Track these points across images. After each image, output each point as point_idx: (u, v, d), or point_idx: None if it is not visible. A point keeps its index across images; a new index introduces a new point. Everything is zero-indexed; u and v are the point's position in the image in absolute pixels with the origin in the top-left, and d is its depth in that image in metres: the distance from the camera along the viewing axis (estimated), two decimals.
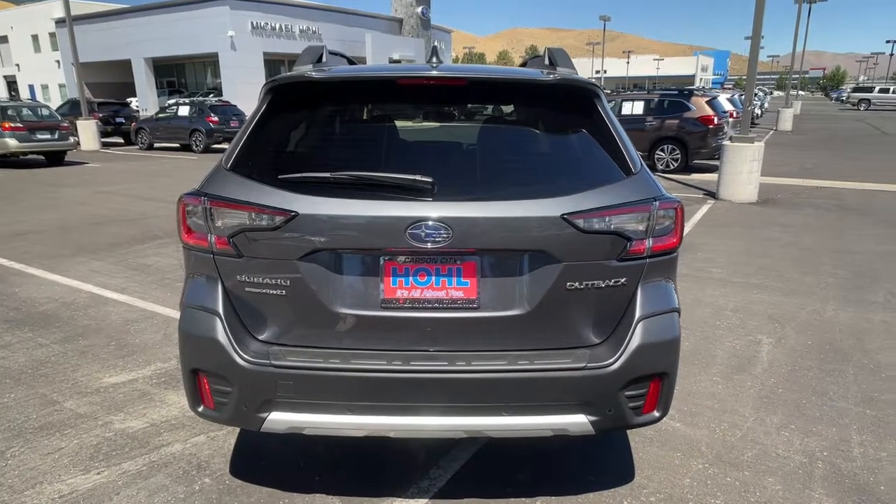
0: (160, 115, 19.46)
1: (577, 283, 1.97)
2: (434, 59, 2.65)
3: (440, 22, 44.51)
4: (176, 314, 4.28)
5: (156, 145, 19.22)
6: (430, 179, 1.91)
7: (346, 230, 1.94)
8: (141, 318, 4.34)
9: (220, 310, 2.03)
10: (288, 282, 1.98)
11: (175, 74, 41.04)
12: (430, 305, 1.99)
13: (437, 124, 2.20)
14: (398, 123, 2.22)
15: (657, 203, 2.00)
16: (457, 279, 1.98)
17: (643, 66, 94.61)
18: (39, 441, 2.77)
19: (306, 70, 2.22)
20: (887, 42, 78.09)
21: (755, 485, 2.50)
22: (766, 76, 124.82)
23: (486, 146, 2.17)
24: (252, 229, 1.97)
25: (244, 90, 31.28)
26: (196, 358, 2.07)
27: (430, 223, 1.88)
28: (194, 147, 18.04)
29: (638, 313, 2.02)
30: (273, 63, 38.01)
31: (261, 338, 2.05)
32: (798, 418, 3.03)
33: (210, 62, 37.55)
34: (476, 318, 1.99)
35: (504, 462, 2.63)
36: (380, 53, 38.43)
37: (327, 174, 1.98)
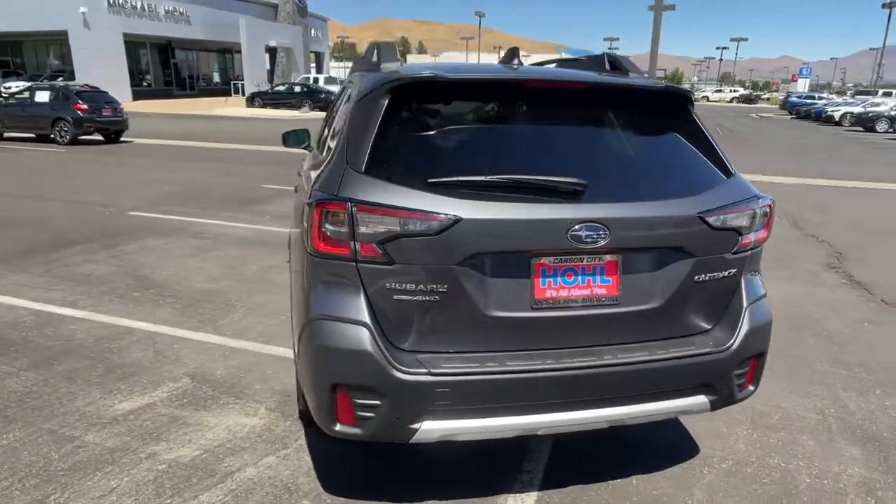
0: (10, 101, 16.96)
1: (703, 276, 2.15)
2: (515, 62, 2.70)
3: (310, 9, 43.05)
4: (159, 329, 3.91)
5: (5, 135, 16.75)
6: (584, 181, 1.97)
7: (508, 233, 1.94)
8: (115, 335, 3.88)
9: (368, 320, 1.94)
10: (444, 287, 1.94)
11: (10, 54, 35.85)
12: (576, 304, 2.06)
13: (559, 126, 2.25)
14: (523, 125, 2.23)
15: (760, 201, 2.23)
16: (600, 277, 2.07)
17: None
18: (81, 484, 2.43)
19: (420, 69, 2.18)
20: (717, 48, 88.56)
21: (794, 443, 2.87)
22: None
23: (613, 148, 2.27)
24: (408, 235, 1.91)
25: (101, 74, 28.18)
26: (338, 372, 1.96)
27: (591, 224, 1.95)
28: (59, 138, 15.98)
29: (745, 300, 2.24)
30: (135, 45, 34.63)
31: (408, 346, 1.99)
32: (796, 383, 3.48)
33: (55, 41, 33.32)
34: (618, 314, 2.09)
35: (583, 449, 2.76)
36: (255, 40, 36.51)
37: (483, 177, 1.96)
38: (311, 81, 34.24)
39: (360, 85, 2.45)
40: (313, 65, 48.97)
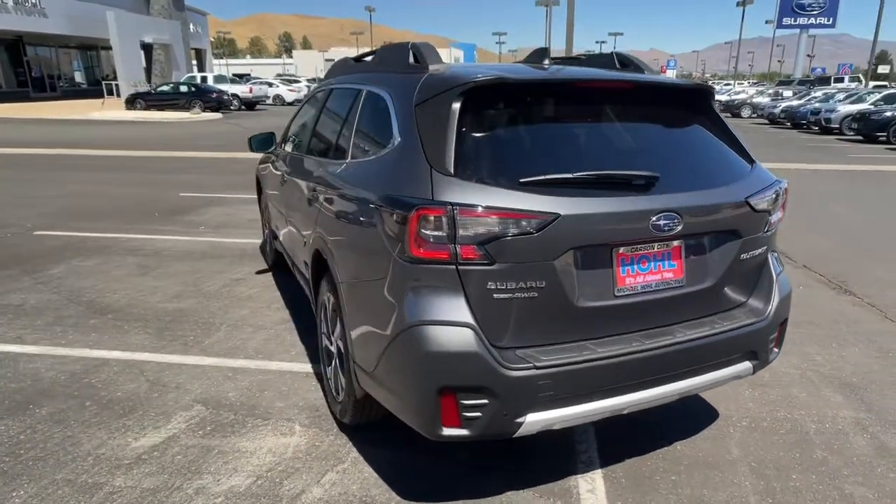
0: None
1: (745, 255, 2.38)
2: (546, 62, 2.79)
3: (187, 2, 40.29)
4: (140, 356, 3.62)
5: None
6: (657, 173, 2.12)
7: (600, 226, 2.04)
8: (89, 368, 3.52)
9: (472, 321, 1.96)
10: (542, 283, 2.01)
11: None
12: (650, 289, 2.20)
13: (616, 123, 2.37)
14: (585, 123, 2.33)
15: (780, 185, 2.50)
16: (668, 262, 2.23)
17: None
18: None
19: (480, 70, 2.23)
20: (597, 42, 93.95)
21: (790, 396, 3.24)
22: None
23: (664, 141, 2.42)
24: (509, 235, 1.94)
25: None
26: (446, 375, 1.97)
27: (668, 213, 2.10)
28: None
29: (774, 274, 2.51)
30: None
31: (506, 343, 2.03)
32: None
33: None
34: (682, 295, 2.27)
35: (623, 426, 2.93)
36: (127, 35, 33.69)
37: (570, 174, 2.04)
38: (199, 80, 32.23)
39: (405, 86, 2.42)
40: (194, 62, 46.09)
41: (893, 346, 3.89)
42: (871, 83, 35.13)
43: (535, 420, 2.05)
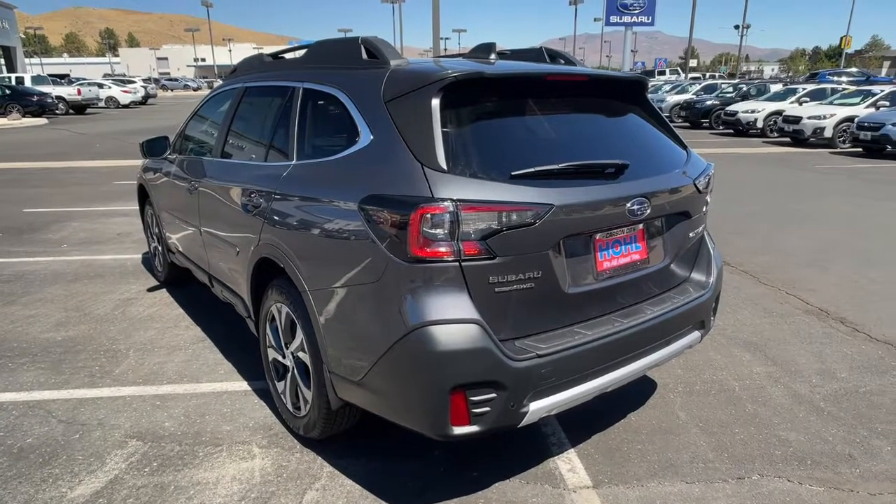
0: None
1: (692, 233, 2.62)
2: (492, 56, 2.82)
3: None
4: (40, 395, 3.16)
5: None
6: (627, 162, 2.26)
7: (587, 214, 2.13)
8: (25, 414, 2.98)
9: (478, 316, 1.96)
10: (538, 273, 2.05)
11: None
12: (623, 271, 2.35)
13: (579, 114, 2.47)
14: (554, 115, 2.39)
15: (711, 168, 2.78)
16: (635, 245, 2.39)
17: (244, 54, 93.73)
18: None
19: (472, 66, 2.23)
20: (441, 38, 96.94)
21: (709, 360, 3.61)
22: None
23: (618, 130, 2.56)
24: (510, 228, 1.96)
25: None
26: (458, 374, 1.94)
27: (640, 198, 2.24)
28: None
29: (711, 250, 2.79)
30: None
31: (505, 335, 2.05)
32: None
33: None
34: (647, 274, 2.45)
35: (576, 408, 3.09)
36: None
37: (556, 165, 2.10)
38: (15, 82, 28.23)
39: (365, 82, 2.34)
40: (1, 61, 40.35)
41: (774, 307, 4.49)
42: (690, 75, 40.28)
43: (537, 408, 2.09)
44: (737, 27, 47.26)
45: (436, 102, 2.06)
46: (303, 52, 3.07)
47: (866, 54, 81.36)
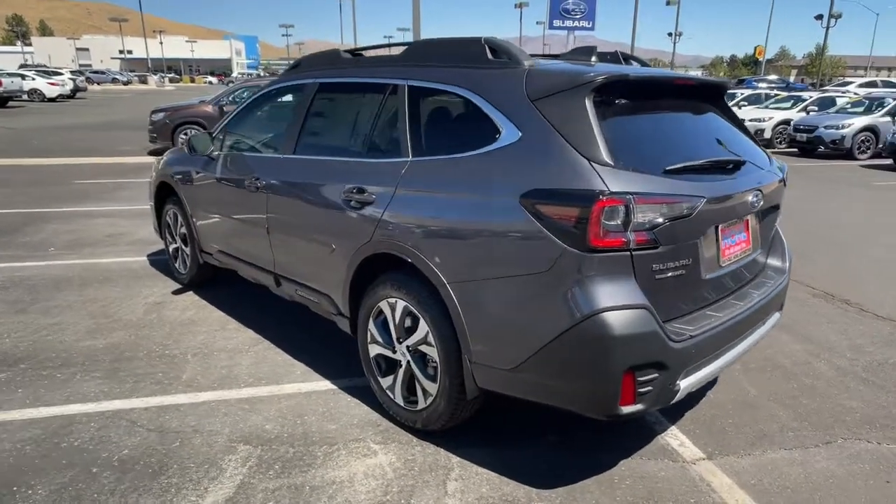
0: None
1: (775, 224, 2.86)
2: (594, 58, 2.96)
3: None
4: (114, 405, 3.08)
5: None
6: (745, 158, 2.45)
7: (722, 206, 2.31)
8: (55, 429, 2.80)
9: (647, 302, 2.09)
10: (689, 260, 2.21)
11: None
12: (736, 258, 2.55)
13: (695, 115, 2.65)
14: (678, 115, 2.56)
15: (786, 166, 3.03)
16: (742, 234, 2.60)
17: (176, 48, 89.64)
18: None
19: (617, 69, 2.36)
20: (384, 37, 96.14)
21: (773, 335, 3.89)
22: (286, 62, 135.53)
23: (723, 129, 2.74)
24: (673, 219, 2.10)
25: None
26: (632, 356, 2.07)
27: (756, 191, 2.45)
28: None
29: (783, 239, 3.05)
30: None
31: (661, 318, 2.19)
32: None
33: None
34: (749, 261, 2.66)
35: None
36: None
37: (698, 161, 2.26)
38: None
39: (500, 80, 2.41)
40: None
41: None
42: None
43: (685, 386, 2.25)
44: (670, 34, 49.75)
45: (590, 101, 2.17)
46: (397, 49, 3.07)
47: (777, 63, 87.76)
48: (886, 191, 10.36)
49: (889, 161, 13.27)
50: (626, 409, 2.13)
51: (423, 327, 2.59)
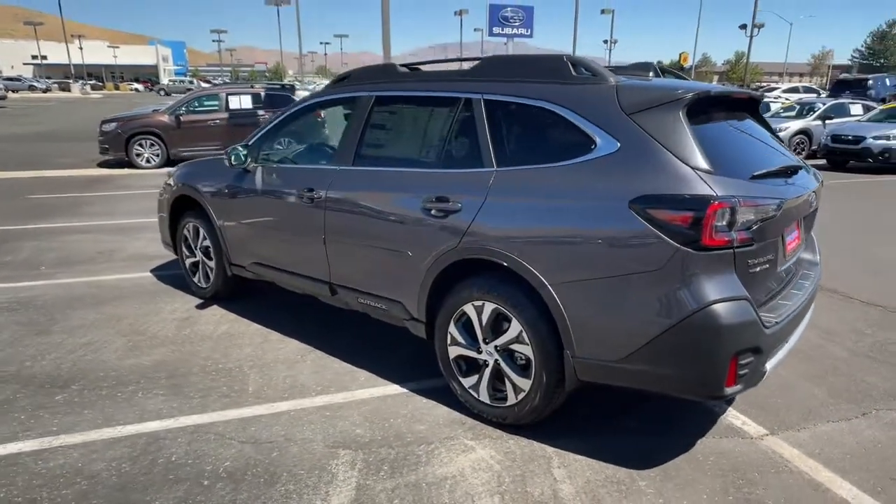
0: None
1: (814, 222, 3.21)
2: (651, 73, 3.21)
3: None
4: (192, 421, 3.15)
5: None
6: (801, 164, 2.77)
7: (793, 206, 2.59)
8: (144, 447, 2.77)
9: (747, 294, 2.34)
10: (772, 255, 2.50)
11: None
12: (792, 253, 2.86)
13: (749, 124, 2.95)
14: (739, 125, 2.84)
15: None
16: (796, 232, 2.91)
17: (97, 53, 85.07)
18: None
19: (702, 85, 2.62)
20: (320, 43, 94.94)
21: None
22: (217, 68, 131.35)
23: (765, 136, 3.04)
24: (765, 219, 2.38)
25: None
26: (739, 342, 2.32)
27: (812, 193, 2.77)
28: None
29: (814, 237, 3.41)
30: None
31: None
32: None
33: None
34: (799, 256, 2.98)
35: None
36: None
37: (775, 167, 2.56)
38: None
39: (590, 95, 2.61)
40: None
41: None
42: None
43: (769, 368, 2.52)
44: (605, 41, 51.91)
45: (683, 114, 2.42)
46: (466, 64, 3.23)
47: (700, 69, 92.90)
48: None
49: None
50: (729, 390, 2.37)
51: (516, 327, 2.75)
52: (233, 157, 3.96)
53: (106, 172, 12.27)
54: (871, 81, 22.31)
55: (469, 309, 2.91)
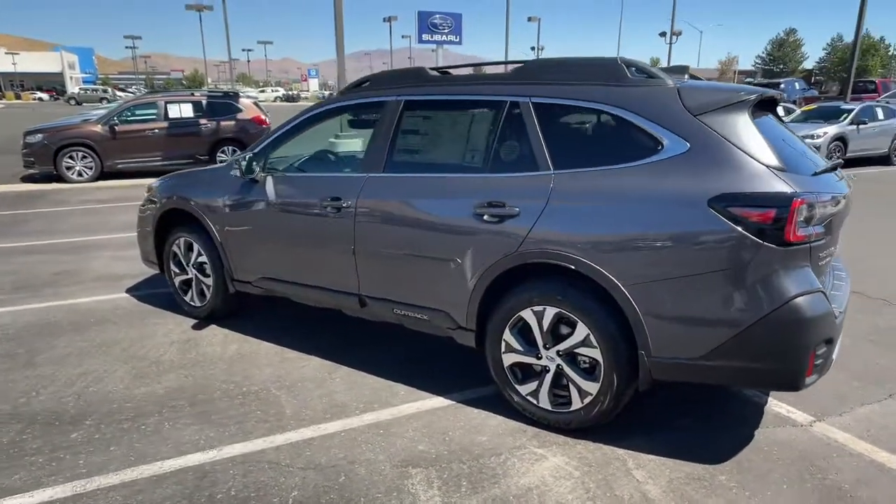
0: None
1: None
2: (686, 76, 3.28)
3: None
4: (226, 452, 3.08)
5: None
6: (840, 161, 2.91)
7: (843, 203, 2.70)
8: (195, 480, 2.53)
9: (822, 286, 2.42)
10: (831, 249, 2.61)
11: None
12: (834, 248, 2.98)
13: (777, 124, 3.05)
14: (776, 124, 2.93)
15: None
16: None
17: None
18: None
19: (757, 88, 2.68)
20: (243, 50, 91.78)
21: None
22: (132, 76, 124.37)
23: (791, 134, 3.16)
24: (831, 214, 2.47)
25: None
26: (819, 333, 2.40)
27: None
28: None
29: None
30: None
31: None
32: None
33: None
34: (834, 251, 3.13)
35: None
36: None
37: (829, 164, 2.66)
38: None
39: (652, 97, 2.63)
40: None
41: None
42: None
43: (835, 357, 2.62)
44: (533, 48, 53.30)
45: (749, 115, 2.49)
46: (509, 67, 3.17)
47: None
48: None
49: None
50: (808, 381, 2.45)
51: (582, 330, 2.72)
52: (244, 167, 3.72)
53: (35, 187, 11.32)
54: (783, 85, 24.09)
55: (527, 314, 2.86)
